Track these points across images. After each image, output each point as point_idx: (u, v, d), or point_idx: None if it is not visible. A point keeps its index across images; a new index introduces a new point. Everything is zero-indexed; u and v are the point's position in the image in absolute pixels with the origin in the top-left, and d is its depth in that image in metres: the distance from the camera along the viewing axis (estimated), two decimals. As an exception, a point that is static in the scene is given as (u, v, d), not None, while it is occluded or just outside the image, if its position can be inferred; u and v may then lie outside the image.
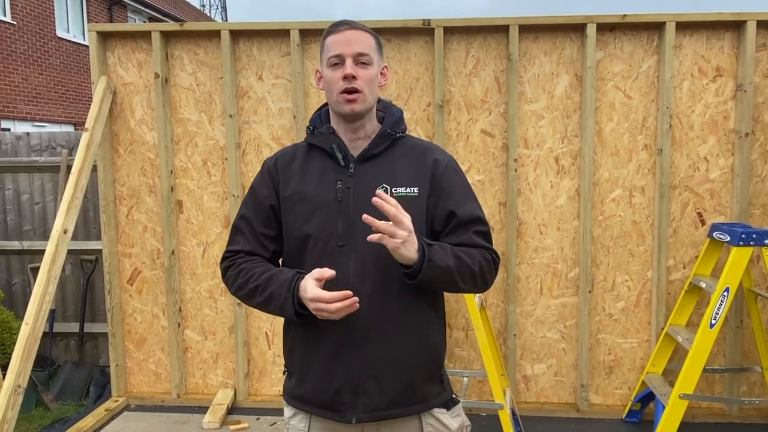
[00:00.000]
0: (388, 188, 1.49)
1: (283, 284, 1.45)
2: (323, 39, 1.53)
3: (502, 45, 3.37)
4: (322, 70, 1.53)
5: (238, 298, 1.60)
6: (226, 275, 1.58)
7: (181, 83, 3.60)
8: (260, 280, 1.49)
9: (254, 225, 1.57)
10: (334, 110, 1.53)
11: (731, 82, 3.31)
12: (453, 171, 1.57)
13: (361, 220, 1.37)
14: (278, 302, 1.45)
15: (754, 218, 3.36)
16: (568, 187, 3.43)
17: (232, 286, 1.56)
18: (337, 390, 1.48)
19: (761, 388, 3.43)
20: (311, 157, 1.56)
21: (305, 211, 1.51)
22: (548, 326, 3.52)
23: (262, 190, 1.59)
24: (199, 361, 3.76)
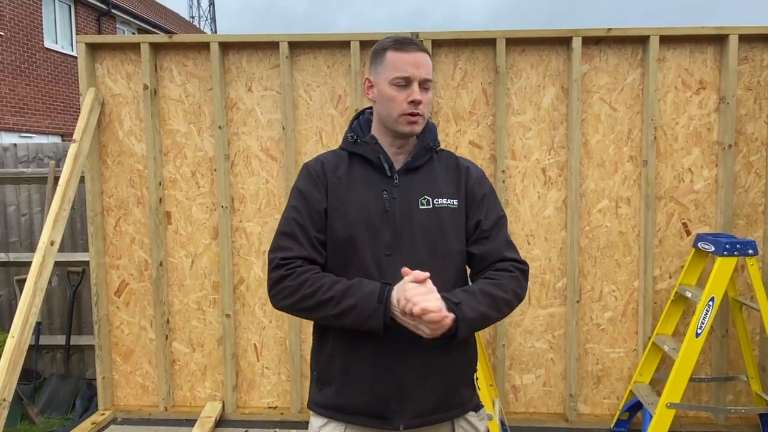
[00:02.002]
0: (430, 199, 1.58)
1: (370, 296, 1.42)
2: (382, 50, 1.57)
3: (490, 57, 3.41)
4: (381, 84, 1.56)
5: (292, 310, 1.51)
6: (282, 285, 1.49)
7: (170, 95, 3.61)
8: (334, 290, 1.45)
9: (309, 229, 1.53)
10: (391, 127, 1.57)
11: (714, 94, 3.37)
12: (482, 181, 1.69)
13: (407, 230, 1.54)
14: (363, 314, 1.42)
15: (738, 228, 3.40)
16: (555, 198, 3.46)
17: (292, 296, 1.48)
18: (383, 397, 1.51)
19: (747, 397, 3.46)
20: (354, 166, 1.60)
21: (353, 218, 1.54)
22: (537, 336, 3.54)
23: (313, 193, 1.56)
24: (187, 374, 3.74)
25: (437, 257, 1.55)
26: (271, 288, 1.52)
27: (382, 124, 1.59)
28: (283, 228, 1.56)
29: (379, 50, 1.58)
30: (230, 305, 3.62)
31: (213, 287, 3.68)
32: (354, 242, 1.53)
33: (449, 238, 1.58)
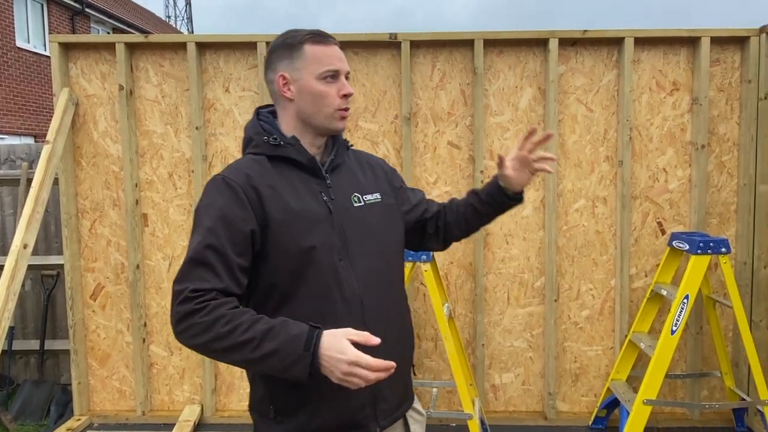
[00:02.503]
0: (360, 196, 1.53)
1: (295, 340, 1.24)
2: (299, 44, 1.45)
3: (468, 59, 3.43)
4: (305, 79, 1.44)
5: (202, 351, 1.30)
6: (192, 321, 1.26)
7: (146, 95, 3.57)
8: (254, 331, 1.25)
9: (228, 255, 1.32)
10: (321, 125, 1.47)
11: (687, 95, 3.43)
12: (394, 173, 1.71)
13: (351, 232, 1.46)
14: (286, 360, 1.23)
15: (711, 227, 3.47)
16: (533, 198, 3.49)
17: (203, 335, 1.26)
18: (358, 406, 1.45)
19: (721, 393, 3.53)
20: (281, 170, 1.45)
21: (303, 227, 1.41)
22: (516, 335, 3.57)
23: (235, 212, 1.35)
24: (164, 377, 3.69)
25: (382, 256, 1.53)
26: (177, 324, 1.27)
27: (305, 122, 1.47)
28: (194, 254, 1.31)
29: (293, 44, 1.45)
30: (209, 308, 3.58)
31: (191, 290, 3.63)
32: (312, 252, 1.40)
33: (386, 234, 1.56)
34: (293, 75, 1.45)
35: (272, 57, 1.48)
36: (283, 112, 1.50)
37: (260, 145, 1.47)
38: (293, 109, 1.47)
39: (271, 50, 1.49)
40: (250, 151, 1.49)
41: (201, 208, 1.39)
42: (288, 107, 1.48)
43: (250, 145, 1.50)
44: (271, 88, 1.50)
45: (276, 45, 1.48)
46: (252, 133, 1.50)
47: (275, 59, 1.47)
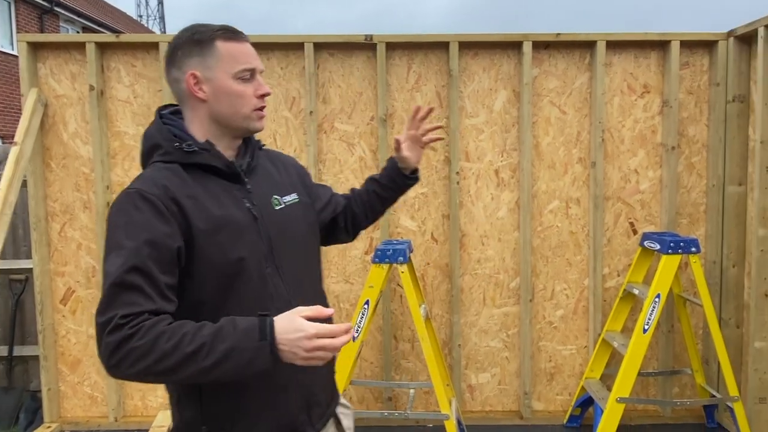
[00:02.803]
0: (279, 198, 1.48)
1: (248, 333, 1.17)
2: (209, 40, 1.35)
3: (443, 61, 3.45)
4: (220, 79, 1.35)
5: (146, 376, 1.18)
6: (128, 347, 1.14)
7: (118, 96, 3.51)
8: (202, 337, 1.16)
9: (155, 275, 1.21)
10: (239, 126, 1.40)
11: (658, 98, 3.49)
12: (304, 170, 1.69)
13: (276, 237, 1.41)
14: (244, 357, 1.16)
15: (682, 227, 3.54)
16: (508, 200, 3.52)
17: (145, 358, 1.14)
18: (293, 414, 1.42)
19: (692, 390, 3.60)
20: (199, 178, 1.35)
21: (229, 237, 1.33)
22: (492, 336, 3.59)
23: (158, 228, 1.24)
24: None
25: (305, 258, 1.51)
26: (111, 356, 1.15)
27: (220, 124, 1.38)
28: (117, 279, 1.18)
29: (203, 40, 1.35)
30: (183, 311, 3.54)
31: (165, 293, 3.58)
32: (241, 264, 1.33)
33: (307, 235, 1.55)
34: (206, 74, 1.35)
35: (178, 54, 1.36)
36: (194, 114, 1.39)
37: (171, 152, 1.35)
38: (206, 111, 1.37)
39: (175, 46, 1.37)
40: (159, 159, 1.35)
41: (116, 226, 1.25)
42: (199, 109, 1.37)
43: (157, 153, 1.37)
44: (177, 87, 1.38)
45: (182, 41, 1.37)
46: (160, 139, 1.37)
47: (182, 56, 1.36)
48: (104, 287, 1.20)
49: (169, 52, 1.39)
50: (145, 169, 1.38)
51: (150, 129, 1.42)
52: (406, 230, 3.53)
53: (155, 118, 1.42)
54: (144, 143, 1.42)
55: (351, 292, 3.54)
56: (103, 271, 1.22)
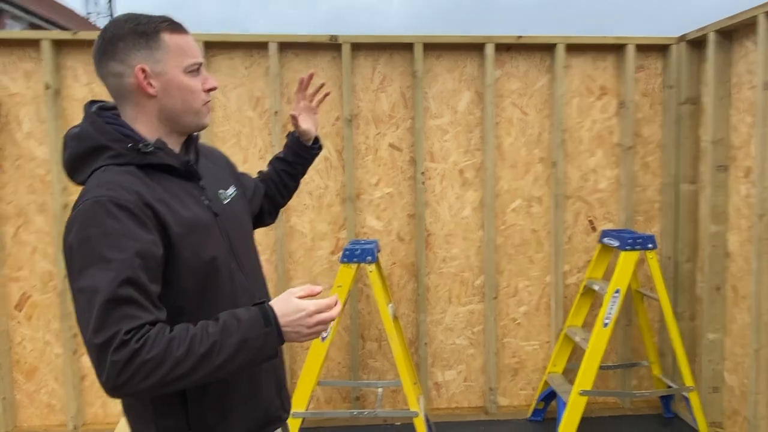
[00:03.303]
0: (224, 192, 1.48)
1: (254, 323, 1.19)
2: (155, 33, 1.28)
3: (408, 62, 3.48)
4: (170, 73, 1.29)
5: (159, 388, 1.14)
6: (138, 361, 1.10)
7: (75, 95, 3.41)
8: (211, 335, 1.16)
9: (146, 285, 1.17)
10: (189, 122, 1.35)
11: (614, 99, 3.61)
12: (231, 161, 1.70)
13: (232, 232, 1.42)
14: (254, 346, 1.18)
15: (638, 224, 3.66)
16: (472, 199, 3.57)
17: (160, 368, 1.12)
18: (269, 401, 1.45)
19: (649, 381, 3.73)
20: (158, 180, 1.29)
21: (199, 238, 1.30)
22: (457, 333, 3.64)
23: (142, 236, 1.18)
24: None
25: (253, 250, 1.54)
26: (120, 374, 1.10)
27: (169, 120, 1.33)
28: (111, 294, 1.12)
29: (149, 32, 1.27)
30: (145, 315, 3.46)
31: (125, 297, 3.50)
32: (215, 263, 1.32)
33: (249, 226, 1.58)
34: (155, 68, 1.27)
35: (119, 46, 1.27)
36: (138, 110, 1.30)
37: (125, 154, 1.26)
38: (154, 107, 1.30)
39: (116, 38, 1.27)
40: (111, 163, 1.26)
41: (91, 238, 1.15)
42: (147, 105, 1.30)
43: (104, 155, 1.26)
44: (118, 82, 1.28)
45: (123, 33, 1.27)
46: (106, 140, 1.26)
47: (124, 49, 1.27)
48: (92, 304, 1.12)
49: (106, 43, 1.28)
50: (92, 174, 1.26)
51: (85, 129, 1.30)
52: (373, 230, 3.55)
53: (89, 117, 1.31)
54: (77, 144, 1.30)
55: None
56: (84, 288, 1.14)
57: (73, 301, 1.18)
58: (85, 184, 1.27)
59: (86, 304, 1.13)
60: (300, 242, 3.53)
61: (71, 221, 1.20)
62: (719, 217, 3.26)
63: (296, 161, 1.82)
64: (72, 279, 1.17)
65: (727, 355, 3.29)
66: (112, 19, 1.32)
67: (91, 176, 1.26)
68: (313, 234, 3.53)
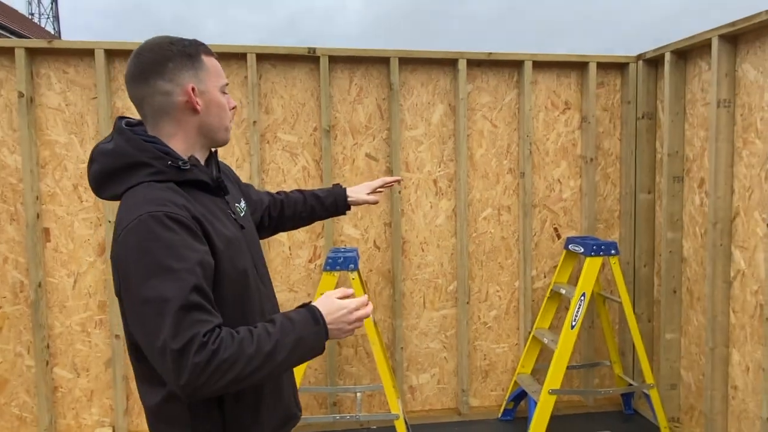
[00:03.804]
0: (239, 206, 1.56)
1: (306, 322, 1.30)
2: (197, 54, 1.38)
3: (384, 75, 3.59)
4: (211, 92, 1.39)
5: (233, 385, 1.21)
6: (217, 361, 1.17)
7: (49, 103, 3.37)
8: (273, 335, 1.25)
9: (208, 293, 1.25)
10: (218, 138, 1.43)
11: (577, 114, 3.82)
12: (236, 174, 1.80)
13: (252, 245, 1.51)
14: (308, 343, 1.29)
15: (599, 231, 3.88)
16: (445, 208, 3.71)
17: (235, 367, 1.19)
18: (288, 399, 1.55)
19: (610, 380, 3.94)
20: (195, 195, 1.36)
21: (234, 252, 1.38)
22: (431, 337, 3.76)
23: (200, 248, 1.26)
24: (71, 401, 3.49)
25: (264, 258, 1.62)
26: (201, 374, 1.16)
27: (204, 136, 1.41)
28: (184, 301, 1.18)
29: (193, 54, 1.37)
30: (119, 325, 3.44)
31: (99, 307, 3.48)
32: (246, 273, 1.41)
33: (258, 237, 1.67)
34: (200, 87, 1.37)
35: (169, 66, 1.34)
36: (179, 127, 1.37)
37: (165, 171, 1.32)
38: (196, 123, 1.38)
39: (164, 58, 1.34)
40: (151, 179, 1.31)
41: (155, 251, 1.21)
42: (189, 121, 1.38)
43: (143, 172, 1.31)
44: (165, 100, 1.34)
45: (172, 53, 1.35)
46: (145, 158, 1.32)
47: (174, 69, 1.34)
48: (164, 312, 1.17)
49: (154, 64, 1.33)
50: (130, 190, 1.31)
51: (121, 145, 1.34)
52: (350, 238, 3.64)
53: (123, 133, 1.35)
54: (111, 160, 1.34)
55: (296, 301, 3.59)
56: (151, 298, 1.18)
57: (133, 312, 1.23)
58: (121, 200, 1.32)
59: (155, 313, 1.17)
60: (278, 251, 3.58)
61: (126, 236, 1.23)
62: (675, 224, 3.50)
63: (329, 209, 2.02)
64: (131, 291, 1.21)
65: (683, 354, 3.53)
66: (149, 42, 1.38)
67: (128, 192, 1.31)
68: (291, 242, 3.59)
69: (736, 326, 3.08)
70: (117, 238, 1.26)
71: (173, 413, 1.35)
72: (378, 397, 3.74)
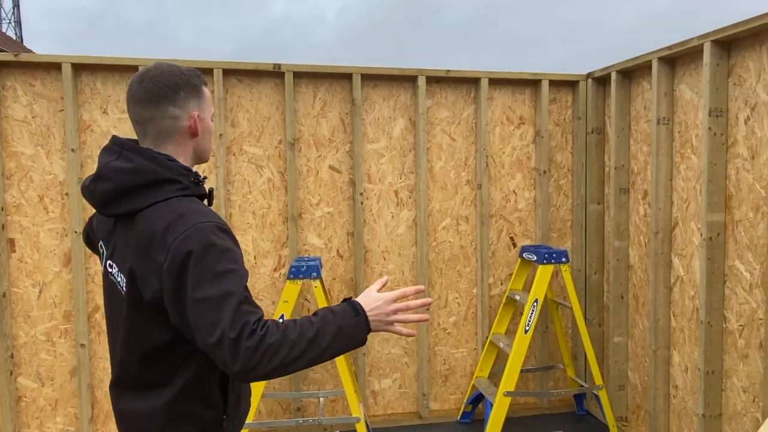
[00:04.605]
0: None
1: (347, 314, 1.43)
2: (201, 86, 1.55)
3: (347, 90, 3.73)
4: (206, 119, 1.56)
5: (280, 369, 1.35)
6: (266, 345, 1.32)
7: (14, 115, 3.42)
8: (313, 324, 1.39)
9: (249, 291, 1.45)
10: (205, 158, 1.61)
11: (531, 128, 4.01)
12: None
13: None
14: (348, 332, 1.42)
15: (553, 240, 4.07)
16: (406, 218, 3.86)
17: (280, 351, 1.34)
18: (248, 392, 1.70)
19: (564, 382, 4.13)
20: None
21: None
22: (393, 343, 3.89)
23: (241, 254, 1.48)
24: (35, 410, 3.51)
25: None
26: (252, 357, 1.31)
27: (198, 157, 1.59)
28: (239, 296, 1.36)
29: (198, 85, 1.54)
30: (85, 334, 3.49)
31: (64, 317, 3.52)
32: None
33: None
34: (201, 114, 1.54)
35: (180, 94, 1.49)
36: (180, 148, 1.52)
37: (190, 187, 1.48)
38: (193, 146, 1.55)
39: (177, 86, 1.49)
40: (180, 194, 1.45)
41: (212, 255, 1.37)
42: (188, 144, 1.53)
43: (171, 188, 1.45)
44: (174, 124, 1.49)
45: (183, 82, 1.50)
46: (174, 174, 1.46)
47: (185, 97, 1.50)
48: (223, 307, 1.32)
49: (169, 90, 1.48)
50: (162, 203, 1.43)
51: (143, 164, 1.44)
52: (314, 247, 3.75)
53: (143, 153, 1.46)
54: (130, 178, 1.44)
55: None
56: (208, 296, 1.33)
57: (187, 309, 1.35)
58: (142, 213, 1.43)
59: (214, 308, 1.33)
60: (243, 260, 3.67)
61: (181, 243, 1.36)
62: (622, 233, 3.71)
63: None
64: (186, 291, 1.35)
65: (630, 356, 3.73)
66: (160, 68, 1.50)
67: (156, 205, 1.43)
68: (256, 252, 3.69)
69: (676, 329, 3.29)
70: (168, 246, 1.36)
71: (182, 411, 1.48)
72: (341, 402, 3.85)
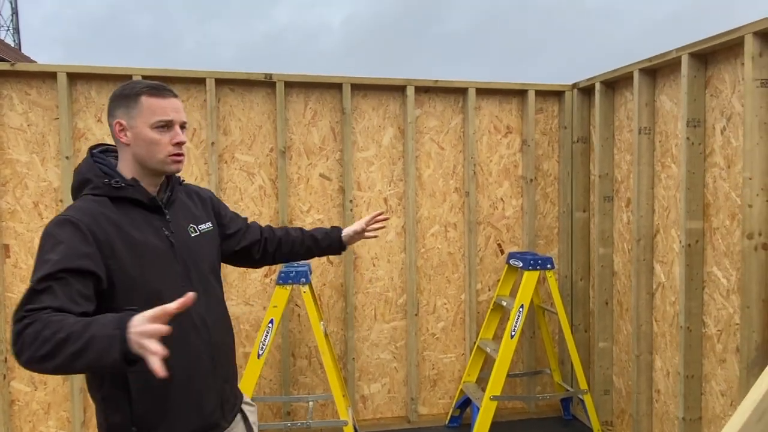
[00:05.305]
0: (195, 227, 1.78)
1: (108, 324, 1.25)
2: (135, 95, 1.60)
3: (337, 99, 3.81)
4: (138, 127, 1.60)
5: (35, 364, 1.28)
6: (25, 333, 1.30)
7: (10, 123, 3.48)
8: (75, 326, 1.26)
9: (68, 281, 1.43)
10: (156, 168, 1.64)
11: (518, 137, 4.09)
12: (219, 200, 2.01)
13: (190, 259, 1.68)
14: (100, 345, 1.22)
15: (539, 247, 4.14)
16: (395, 225, 3.93)
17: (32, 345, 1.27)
18: (210, 410, 1.67)
19: (551, 387, 4.19)
20: (125, 209, 1.59)
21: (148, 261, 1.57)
22: (382, 348, 3.96)
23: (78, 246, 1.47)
24: (27, 414, 3.56)
25: (215, 276, 1.79)
26: (14, 342, 1.30)
27: (141, 165, 1.63)
28: (35, 285, 1.37)
29: (130, 95, 1.61)
30: (78, 339, 3.54)
31: (58, 321, 3.57)
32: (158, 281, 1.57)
33: (216, 258, 1.85)
34: (129, 122, 1.60)
35: (110, 105, 1.64)
36: (122, 154, 1.65)
37: (101, 187, 1.58)
38: (130, 153, 1.63)
39: (110, 99, 1.66)
40: (89, 192, 1.58)
41: (43, 246, 1.45)
42: (125, 151, 1.63)
43: (87, 186, 1.59)
44: (111, 131, 1.65)
45: (114, 95, 1.65)
46: (90, 175, 1.60)
47: (112, 107, 1.64)
48: (26, 292, 1.38)
49: (109, 102, 1.66)
50: (75, 201, 1.60)
51: (81, 166, 1.65)
52: (304, 254, 3.81)
53: (87, 156, 1.67)
54: (75, 178, 1.65)
55: (251, 314, 3.75)
56: (32, 280, 1.40)
57: None
58: None
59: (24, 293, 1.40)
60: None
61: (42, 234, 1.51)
62: (606, 240, 3.78)
63: (325, 250, 2.18)
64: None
65: (615, 361, 3.79)
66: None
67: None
68: (248, 258, 3.75)
69: (658, 334, 3.36)
70: None
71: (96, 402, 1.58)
72: (331, 407, 3.90)
